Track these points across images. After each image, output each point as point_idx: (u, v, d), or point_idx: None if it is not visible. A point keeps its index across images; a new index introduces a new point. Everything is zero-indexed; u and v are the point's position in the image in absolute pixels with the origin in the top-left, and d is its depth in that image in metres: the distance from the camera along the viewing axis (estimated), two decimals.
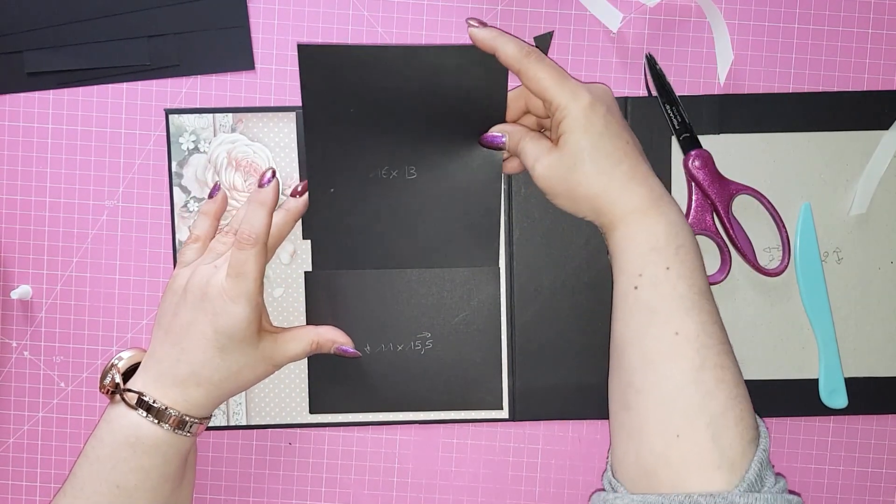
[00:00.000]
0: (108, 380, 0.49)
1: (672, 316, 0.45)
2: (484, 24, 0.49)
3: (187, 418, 0.48)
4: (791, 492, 0.43)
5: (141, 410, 0.47)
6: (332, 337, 0.53)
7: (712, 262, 0.55)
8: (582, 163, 0.46)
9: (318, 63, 0.50)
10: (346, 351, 0.53)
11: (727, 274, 0.54)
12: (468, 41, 0.49)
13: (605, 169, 0.46)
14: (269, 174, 0.51)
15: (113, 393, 0.49)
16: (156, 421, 0.47)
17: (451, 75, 0.50)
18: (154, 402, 0.47)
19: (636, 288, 0.46)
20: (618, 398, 0.46)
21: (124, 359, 0.51)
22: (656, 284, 0.45)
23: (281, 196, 0.53)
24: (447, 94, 0.51)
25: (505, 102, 0.51)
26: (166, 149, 0.55)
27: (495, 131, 0.51)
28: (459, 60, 0.50)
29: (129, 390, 0.48)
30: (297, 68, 0.50)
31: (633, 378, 0.45)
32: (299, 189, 0.53)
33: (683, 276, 0.45)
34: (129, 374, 0.50)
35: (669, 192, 0.54)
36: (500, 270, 0.55)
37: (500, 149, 0.51)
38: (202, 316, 0.48)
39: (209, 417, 0.50)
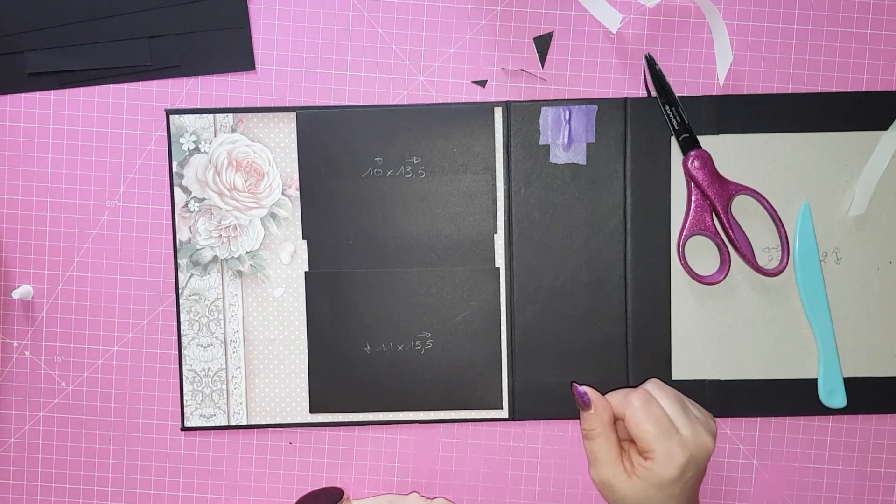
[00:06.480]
0: None
1: None
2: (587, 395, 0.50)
3: None
4: None
5: None
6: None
7: (711, 263, 0.55)
8: None
9: None
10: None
11: (726, 274, 0.54)
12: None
13: None
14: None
15: None
16: None
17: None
18: None
19: None
20: None
21: None
22: None
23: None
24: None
25: None
26: (167, 149, 0.55)
27: (590, 393, 0.49)
28: None
29: None
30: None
31: None
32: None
33: None
34: None
35: (669, 192, 0.55)
36: (500, 270, 0.55)
37: (580, 407, 0.50)
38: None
39: None
